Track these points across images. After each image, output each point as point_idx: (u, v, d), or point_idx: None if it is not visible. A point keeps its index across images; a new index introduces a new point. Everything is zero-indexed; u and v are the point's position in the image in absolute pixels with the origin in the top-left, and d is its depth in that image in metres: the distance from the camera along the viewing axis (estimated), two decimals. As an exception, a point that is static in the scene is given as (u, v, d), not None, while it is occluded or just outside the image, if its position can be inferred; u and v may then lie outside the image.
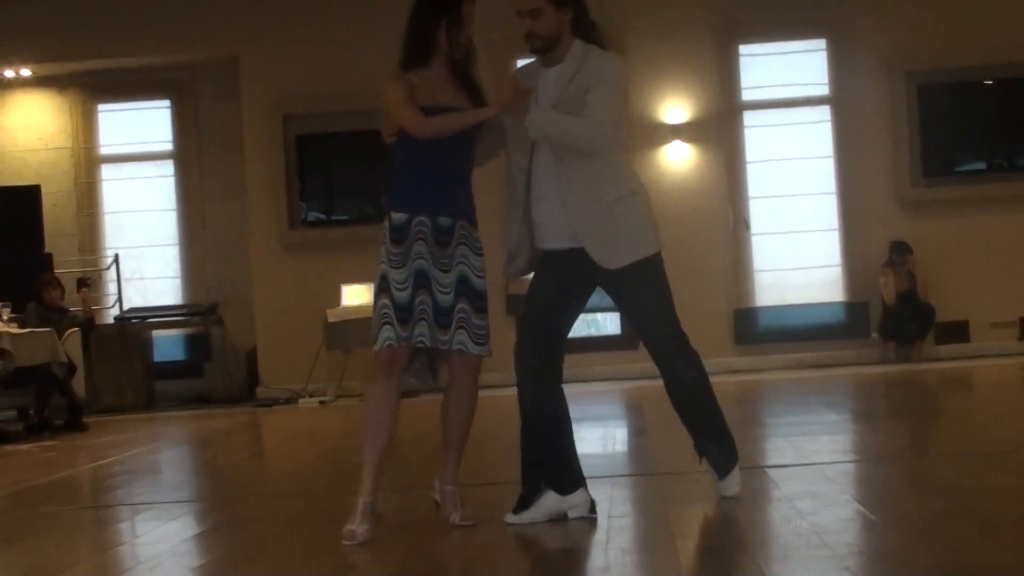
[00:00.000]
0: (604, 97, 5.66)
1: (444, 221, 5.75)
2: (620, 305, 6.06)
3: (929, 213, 14.88)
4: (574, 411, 6.13)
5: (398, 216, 5.75)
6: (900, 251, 14.58)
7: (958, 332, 14.89)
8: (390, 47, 15.86)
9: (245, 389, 15.52)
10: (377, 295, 5.76)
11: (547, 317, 6.02)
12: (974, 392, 12.24)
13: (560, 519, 5.74)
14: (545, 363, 6.10)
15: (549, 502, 5.80)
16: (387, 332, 5.70)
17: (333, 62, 15.28)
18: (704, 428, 6.03)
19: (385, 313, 5.69)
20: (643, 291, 5.87)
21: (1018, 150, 15.25)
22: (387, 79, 5.96)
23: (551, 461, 5.93)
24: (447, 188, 5.80)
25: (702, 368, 5.99)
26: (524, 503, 5.83)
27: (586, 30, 5.79)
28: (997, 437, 8.12)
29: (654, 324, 5.93)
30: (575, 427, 6.07)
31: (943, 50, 14.91)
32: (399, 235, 5.71)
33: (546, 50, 5.74)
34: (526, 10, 5.69)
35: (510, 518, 5.80)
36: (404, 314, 5.67)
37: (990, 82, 15.13)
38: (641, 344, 6.06)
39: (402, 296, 5.66)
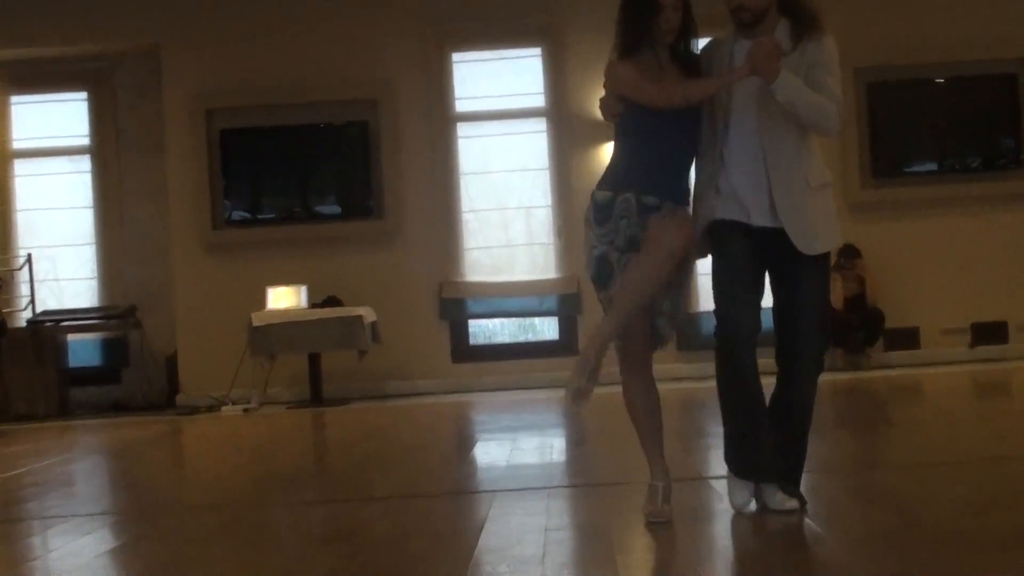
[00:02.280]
0: (837, 80, 5.71)
1: (650, 200, 5.73)
2: (790, 293, 5.84)
3: (878, 216, 14.98)
4: (511, 420, 6.09)
5: (602, 195, 5.81)
6: (848, 255, 14.61)
7: (908, 339, 15.00)
8: (319, 38, 15.91)
9: (165, 396, 15.40)
10: (605, 283, 5.84)
11: (756, 297, 5.84)
12: (925, 401, 12.33)
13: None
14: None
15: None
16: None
17: (259, 54, 15.23)
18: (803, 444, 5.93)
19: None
20: (819, 283, 5.86)
21: (970, 151, 15.36)
22: (611, 63, 5.91)
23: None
24: (662, 172, 5.81)
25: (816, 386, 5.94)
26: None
27: (793, 7, 5.77)
28: (948, 447, 8.17)
29: (815, 319, 5.82)
30: (514, 435, 6.03)
31: (894, 47, 15.01)
32: (602, 214, 5.79)
33: (755, 23, 5.71)
34: None
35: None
36: None
37: (941, 80, 15.24)
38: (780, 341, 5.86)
39: (624, 258, 5.76)
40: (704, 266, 6.02)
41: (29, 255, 15.75)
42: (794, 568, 4.77)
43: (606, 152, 14.86)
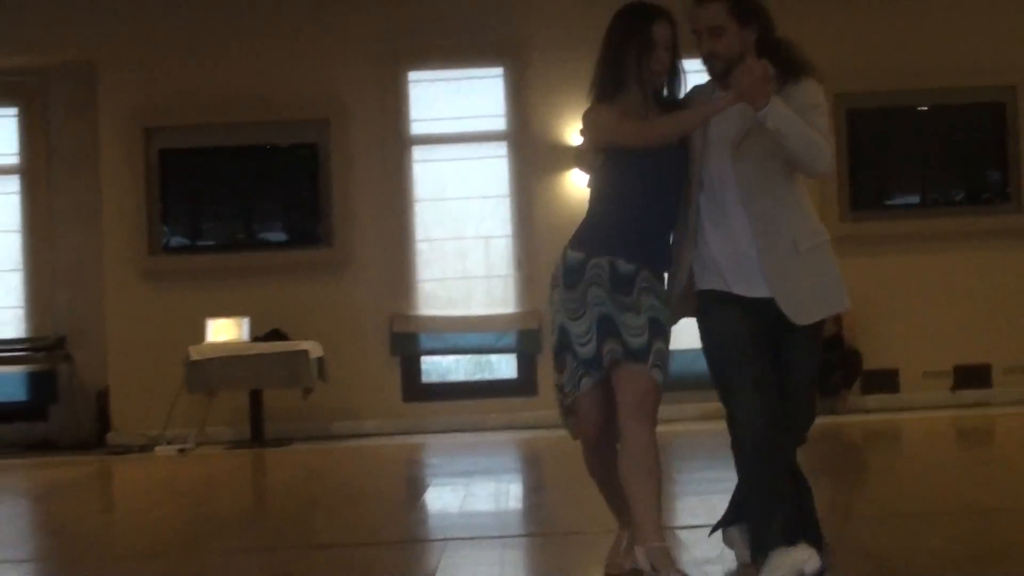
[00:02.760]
0: (826, 121, 5.58)
1: (626, 268, 5.65)
2: (781, 364, 5.64)
3: (857, 251, 14.99)
4: (465, 463, 6.12)
5: (574, 256, 5.71)
6: (825, 292, 14.64)
7: (887, 381, 15.06)
8: (267, 53, 15.91)
9: (95, 435, 15.31)
10: (560, 362, 5.79)
11: (766, 363, 5.60)
12: (903, 447, 12.39)
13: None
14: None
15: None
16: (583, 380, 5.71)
17: (203, 70, 15.20)
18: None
19: (575, 368, 5.70)
20: (813, 354, 5.73)
21: (954, 183, 15.44)
22: (588, 109, 5.77)
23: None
24: (643, 234, 5.70)
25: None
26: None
27: (772, 50, 5.56)
28: (927, 497, 8.23)
29: (807, 394, 5.73)
30: (468, 480, 6.05)
31: (875, 72, 15.09)
32: (571, 277, 5.70)
33: (727, 73, 5.49)
34: (706, 28, 5.53)
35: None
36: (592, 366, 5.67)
37: (925, 108, 15.34)
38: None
39: (586, 351, 5.66)
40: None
41: (-49, 281, 15.70)
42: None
43: (571, 179, 14.99)
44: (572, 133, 15.07)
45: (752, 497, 5.58)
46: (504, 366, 15.64)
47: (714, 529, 6.07)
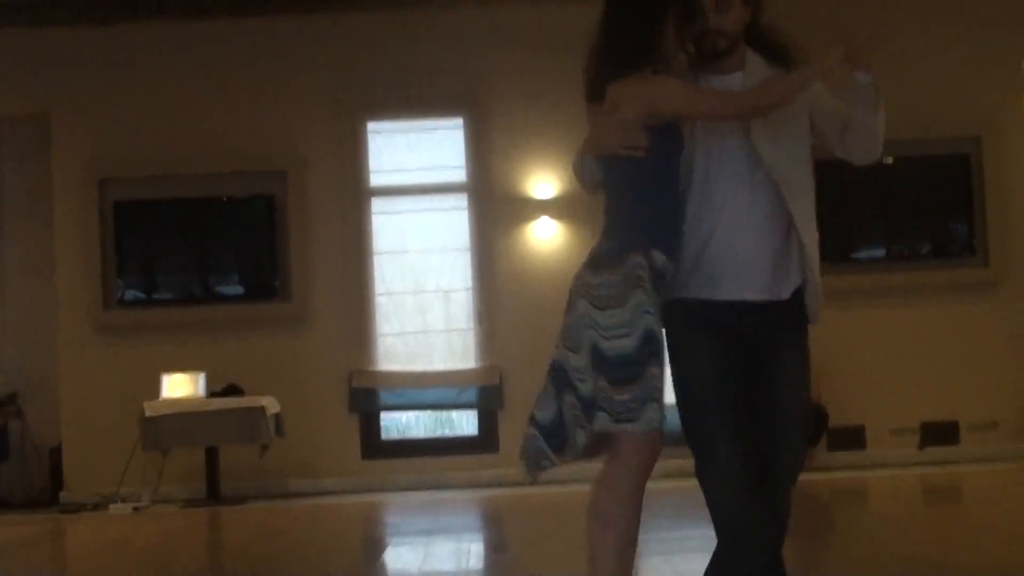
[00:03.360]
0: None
1: (665, 264, 4.97)
2: (767, 386, 5.06)
3: (822, 304, 15.09)
4: (425, 522, 6.12)
5: (659, 256, 4.98)
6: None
7: (853, 438, 15.10)
8: (223, 104, 15.91)
9: (47, 493, 15.22)
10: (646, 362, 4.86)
11: (740, 407, 4.99)
12: (869, 505, 12.44)
13: None
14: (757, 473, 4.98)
15: None
16: (653, 410, 4.83)
17: (158, 121, 15.21)
18: None
19: (655, 385, 4.84)
20: (806, 368, 5.24)
21: (920, 236, 15.54)
22: (643, 77, 5.03)
23: None
24: (675, 225, 5.05)
25: None
26: None
27: (762, 36, 5.23)
28: (893, 556, 8.26)
29: (801, 420, 5.13)
30: (428, 539, 6.04)
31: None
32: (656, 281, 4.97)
33: (728, 53, 5.13)
34: (714, 2, 5.06)
35: None
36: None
37: (890, 160, 15.39)
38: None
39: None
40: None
41: (-101, 335, 15.66)
42: None
43: (532, 231, 15.05)
44: (534, 184, 15.16)
45: None
46: (465, 422, 15.64)
47: None
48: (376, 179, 15.49)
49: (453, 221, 15.55)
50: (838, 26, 5.06)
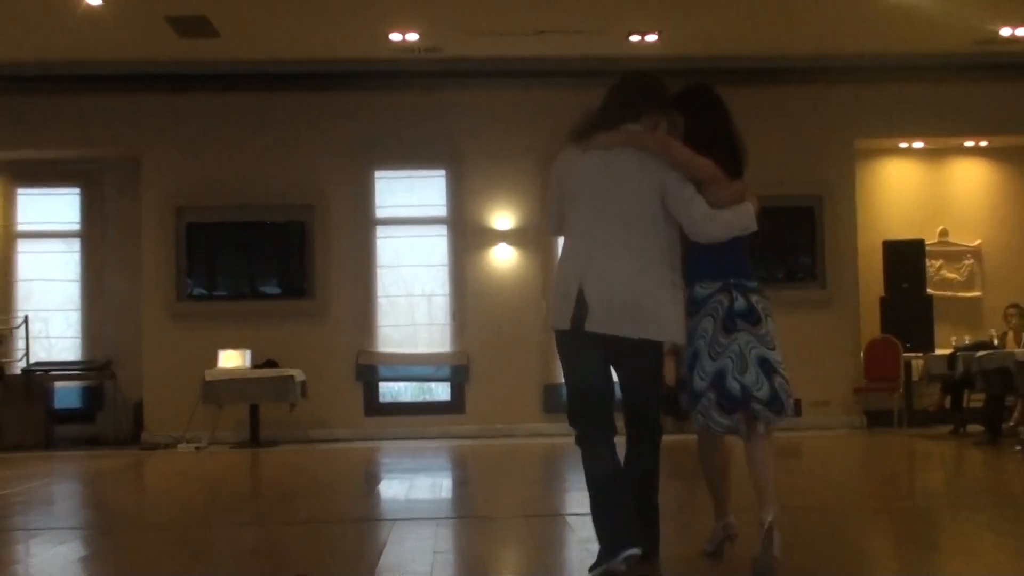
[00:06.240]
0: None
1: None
2: (628, 371, 4.90)
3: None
4: (410, 463, 6.06)
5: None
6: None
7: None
8: (268, 153, 15.72)
9: (132, 435, 15.13)
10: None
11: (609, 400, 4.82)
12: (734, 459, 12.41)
13: None
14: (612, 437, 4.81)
15: None
16: None
17: (220, 164, 15.15)
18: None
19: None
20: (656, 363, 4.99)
21: (775, 265, 15.55)
22: (685, 149, 4.80)
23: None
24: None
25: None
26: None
27: None
28: (749, 496, 8.24)
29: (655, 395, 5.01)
30: (412, 476, 5.97)
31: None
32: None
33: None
34: None
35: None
36: None
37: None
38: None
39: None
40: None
41: (26, 316, 15.49)
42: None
43: (495, 253, 15.03)
44: (496, 219, 15.13)
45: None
46: (441, 391, 15.57)
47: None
48: (380, 212, 15.45)
49: (436, 245, 15.51)
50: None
